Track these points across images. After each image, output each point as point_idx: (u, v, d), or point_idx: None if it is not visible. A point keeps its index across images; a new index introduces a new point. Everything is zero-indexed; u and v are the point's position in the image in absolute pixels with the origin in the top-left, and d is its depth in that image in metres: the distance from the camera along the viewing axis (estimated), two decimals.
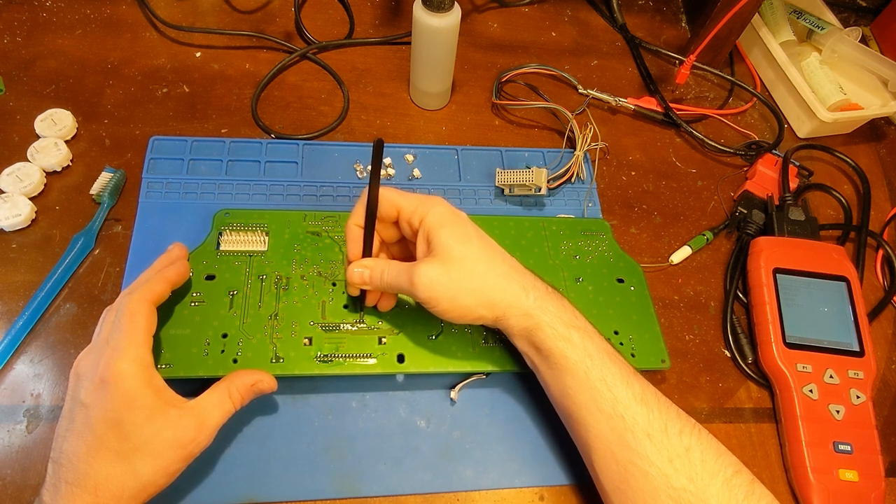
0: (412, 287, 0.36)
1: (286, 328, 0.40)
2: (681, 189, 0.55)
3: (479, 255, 0.37)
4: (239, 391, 0.35)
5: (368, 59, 0.58)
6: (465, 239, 0.37)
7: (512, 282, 0.37)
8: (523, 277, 0.37)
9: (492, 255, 0.38)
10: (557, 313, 0.36)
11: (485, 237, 0.38)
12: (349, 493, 0.38)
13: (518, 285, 0.37)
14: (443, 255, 0.36)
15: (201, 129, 0.51)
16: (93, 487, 0.30)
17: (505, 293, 0.36)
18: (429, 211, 0.37)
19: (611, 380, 0.35)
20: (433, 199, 0.38)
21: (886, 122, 0.64)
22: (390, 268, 0.38)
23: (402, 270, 0.37)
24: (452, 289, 0.36)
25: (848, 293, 0.48)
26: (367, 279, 0.38)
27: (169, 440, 0.32)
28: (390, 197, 0.38)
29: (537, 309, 0.36)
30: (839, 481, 0.41)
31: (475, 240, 0.37)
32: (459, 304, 0.36)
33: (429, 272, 0.36)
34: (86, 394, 0.32)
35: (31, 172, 0.45)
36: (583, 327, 0.37)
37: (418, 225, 0.38)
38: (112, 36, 0.55)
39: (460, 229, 0.37)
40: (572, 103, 0.58)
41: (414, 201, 0.38)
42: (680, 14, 0.69)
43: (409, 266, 0.37)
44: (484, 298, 0.36)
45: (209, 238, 0.43)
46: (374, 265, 0.38)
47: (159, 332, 0.37)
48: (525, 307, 0.36)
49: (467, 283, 0.36)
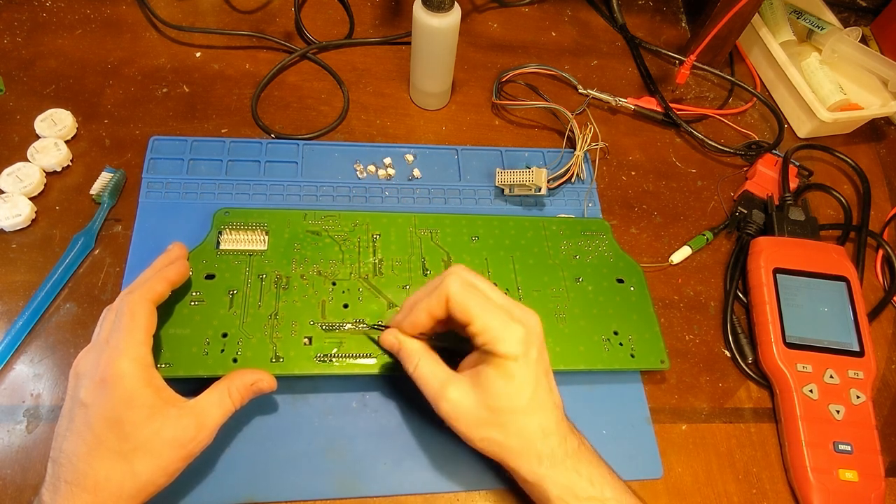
0: (436, 401, 0.35)
1: (286, 328, 0.40)
2: (681, 189, 0.55)
3: (517, 414, 0.34)
4: (238, 391, 0.35)
5: (368, 59, 0.58)
6: (518, 391, 0.34)
7: (531, 450, 0.34)
8: (546, 442, 0.34)
9: (528, 418, 0.34)
10: (569, 483, 0.34)
11: (539, 390, 0.34)
12: (349, 493, 0.38)
13: (535, 454, 0.34)
14: (482, 395, 0.34)
15: (201, 129, 0.51)
16: (92, 487, 0.30)
17: (518, 458, 0.34)
18: (499, 343, 0.33)
19: None
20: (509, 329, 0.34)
21: (886, 122, 0.64)
22: (426, 364, 0.36)
23: (435, 378, 0.35)
24: (471, 428, 0.34)
25: (848, 293, 0.48)
26: (396, 352, 0.38)
27: (168, 440, 0.32)
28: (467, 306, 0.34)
29: (548, 479, 0.34)
30: (839, 481, 0.41)
31: (527, 395, 0.34)
32: (469, 439, 0.35)
33: (460, 400, 0.34)
34: (85, 393, 0.32)
35: (31, 172, 0.45)
36: (598, 497, 0.34)
37: (481, 346, 0.34)
38: (112, 36, 0.55)
39: (519, 378, 0.34)
40: (572, 103, 0.58)
41: (490, 321, 0.34)
42: (680, 14, 0.69)
43: (443, 377, 0.35)
44: (494, 451, 0.35)
45: (209, 237, 0.43)
46: (412, 352, 0.36)
47: (159, 331, 0.37)
48: (535, 476, 0.34)
49: (487, 433, 0.34)
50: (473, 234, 0.47)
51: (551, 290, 0.45)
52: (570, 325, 0.44)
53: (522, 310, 0.36)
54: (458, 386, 0.35)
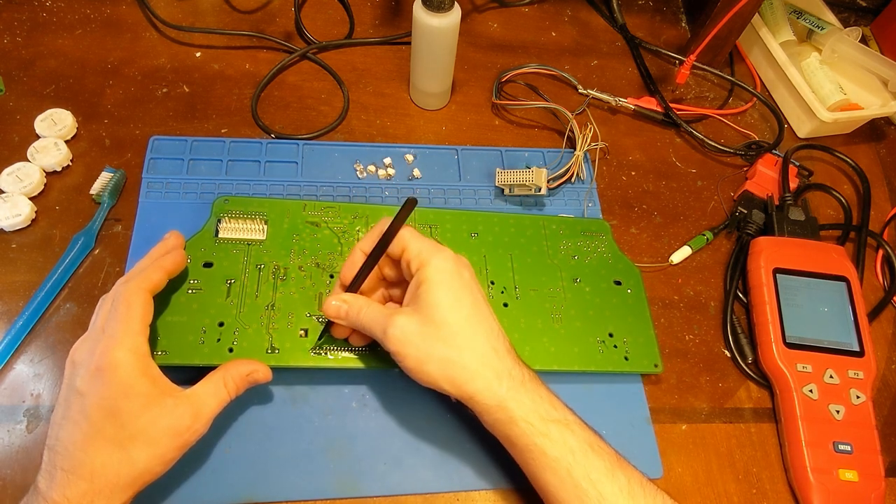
0: (384, 336, 0.35)
1: (282, 319, 0.40)
2: (681, 189, 0.55)
3: (462, 325, 0.34)
4: (234, 381, 0.36)
5: (368, 59, 0.58)
6: (455, 304, 0.35)
7: (486, 366, 0.34)
8: (501, 362, 0.35)
9: (476, 330, 0.35)
10: (533, 406, 0.34)
11: (479, 307, 0.36)
12: (349, 492, 0.38)
13: (492, 371, 0.34)
14: (425, 312, 0.34)
15: (201, 129, 0.51)
16: (88, 475, 0.30)
17: (474, 377, 0.34)
18: (431, 260, 0.35)
19: (595, 476, 0.33)
20: (440, 251, 0.36)
21: (886, 122, 0.64)
22: (369, 308, 0.36)
23: (379, 315, 0.35)
24: (423, 351, 0.34)
25: (848, 293, 0.48)
26: (343, 314, 0.37)
27: (165, 428, 0.32)
28: (402, 234, 0.36)
29: (511, 401, 0.34)
30: (839, 481, 0.41)
31: (465, 308, 0.35)
32: (424, 370, 0.34)
33: (404, 326, 0.34)
34: (82, 382, 0.32)
35: (31, 172, 0.45)
36: (562, 419, 0.34)
37: (415, 271, 0.36)
38: (112, 36, 0.55)
39: (454, 292, 0.35)
40: (572, 103, 0.58)
41: (422, 245, 0.36)
42: (680, 14, 0.69)
43: (387, 312, 0.35)
44: (450, 373, 0.34)
45: (207, 225, 0.43)
46: (354, 301, 0.37)
47: (156, 319, 0.37)
48: (497, 397, 0.34)
49: (438, 351, 0.34)
50: (473, 231, 0.47)
51: (548, 289, 0.45)
52: (566, 326, 0.44)
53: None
54: (401, 315, 0.35)
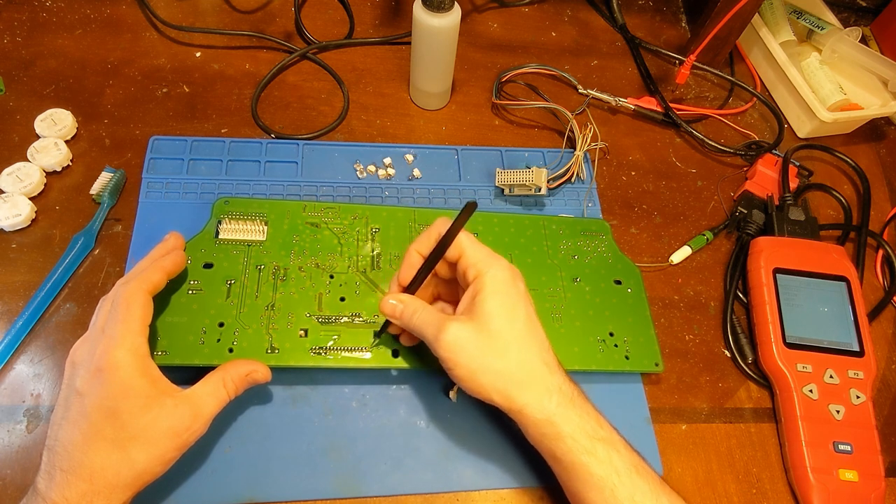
0: (436, 342, 0.34)
1: (282, 319, 0.40)
2: (681, 189, 0.55)
3: (516, 337, 0.35)
4: (234, 381, 0.36)
5: (368, 59, 0.58)
6: (511, 315, 0.35)
7: (537, 380, 0.34)
8: (552, 377, 0.35)
9: (529, 343, 0.35)
10: (580, 423, 0.34)
11: (532, 321, 0.36)
12: (349, 493, 0.38)
13: (542, 385, 0.34)
14: (480, 321, 0.34)
15: (201, 129, 0.51)
16: (88, 475, 0.30)
17: (525, 390, 0.34)
18: (489, 270, 0.35)
19: (639, 498, 0.33)
20: (497, 260, 0.36)
21: (886, 122, 0.64)
22: (424, 312, 0.36)
23: (433, 320, 0.35)
24: (476, 360, 0.34)
25: (848, 293, 0.48)
26: (398, 314, 0.37)
27: (164, 429, 0.32)
28: (459, 239, 0.36)
29: (559, 416, 0.34)
30: (839, 481, 0.41)
31: (520, 320, 0.35)
32: (476, 379, 0.34)
33: (459, 333, 0.34)
34: (81, 382, 0.32)
35: (31, 172, 0.45)
36: (608, 438, 0.34)
37: (472, 279, 0.36)
38: (112, 36, 0.55)
39: (510, 303, 0.35)
40: (572, 103, 0.58)
41: (479, 253, 0.36)
42: (680, 14, 0.69)
43: (441, 318, 0.35)
44: (501, 385, 0.34)
45: (208, 226, 0.43)
46: (409, 302, 0.37)
47: (156, 319, 0.37)
48: (546, 412, 0.34)
49: (492, 362, 0.34)
50: (473, 231, 0.46)
51: (549, 289, 0.45)
52: (566, 325, 0.44)
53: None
54: (455, 322, 0.35)
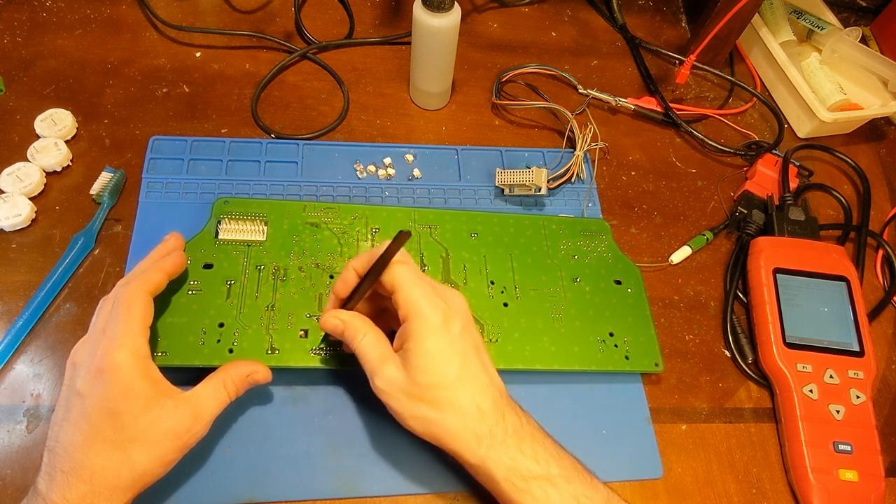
0: (372, 379, 0.34)
1: (282, 319, 0.40)
2: (681, 189, 0.55)
3: (447, 386, 0.33)
4: (234, 382, 0.36)
5: (368, 59, 0.58)
6: (441, 365, 0.33)
7: (467, 428, 0.33)
8: (483, 423, 0.34)
9: (462, 391, 0.34)
10: (513, 464, 0.33)
11: (468, 363, 0.34)
12: (349, 493, 0.38)
13: (472, 433, 0.33)
14: (410, 371, 0.33)
15: (201, 129, 0.51)
16: (88, 477, 0.30)
17: (455, 438, 0.34)
18: (418, 316, 0.34)
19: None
20: (430, 304, 0.34)
21: (886, 122, 0.64)
22: (367, 338, 0.35)
23: (373, 355, 0.34)
24: (406, 408, 0.34)
25: (848, 293, 0.48)
26: (339, 333, 0.36)
27: (165, 430, 0.32)
28: (395, 276, 0.34)
29: (490, 461, 0.33)
30: (839, 481, 0.41)
31: (454, 368, 0.33)
32: (408, 423, 0.34)
33: (391, 378, 0.34)
34: (82, 383, 0.32)
35: (31, 172, 0.45)
36: (543, 475, 0.33)
37: (403, 321, 0.34)
38: (112, 36, 0.55)
39: (441, 352, 0.33)
40: (572, 103, 0.58)
41: (413, 294, 0.34)
42: (680, 14, 0.69)
43: (380, 355, 0.34)
44: (431, 432, 0.34)
45: (208, 226, 0.43)
46: (351, 323, 0.36)
47: (156, 320, 0.37)
48: (477, 458, 0.33)
49: (420, 411, 0.34)
50: (473, 231, 0.47)
51: (549, 289, 0.45)
52: (566, 325, 0.44)
53: (447, 289, 0.36)
54: (390, 365, 0.34)
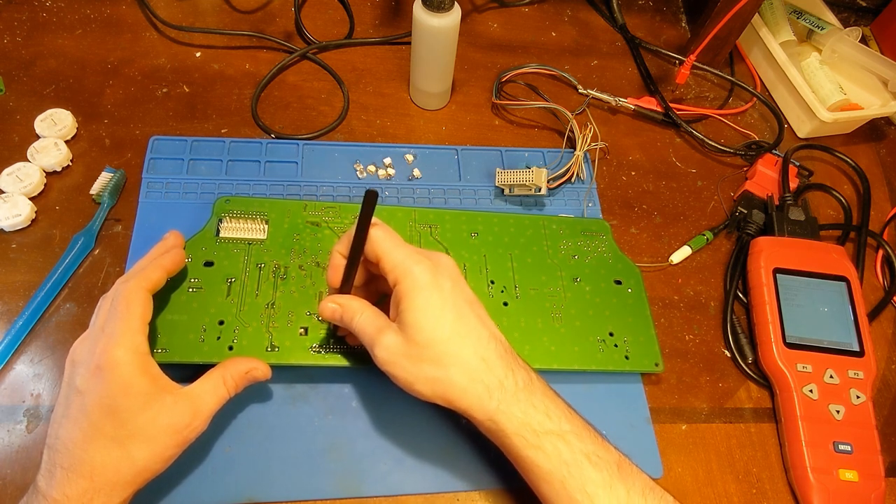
0: (372, 351, 0.34)
1: (282, 317, 0.40)
2: (681, 189, 0.55)
3: (446, 341, 0.33)
4: (233, 378, 0.36)
5: (368, 59, 0.58)
6: (437, 320, 0.33)
7: (475, 381, 0.33)
8: (491, 373, 0.33)
9: (461, 344, 0.33)
10: (524, 419, 0.33)
11: (464, 316, 0.34)
12: (349, 493, 0.38)
13: (482, 385, 0.33)
14: (407, 332, 0.33)
15: (201, 129, 0.51)
16: (88, 473, 0.30)
17: (464, 394, 0.33)
18: (407, 275, 0.33)
19: (591, 488, 0.32)
20: (416, 262, 0.34)
21: (886, 122, 0.64)
22: (363, 315, 0.35)
23: (371, 328, 0.34)
24: (410, 372, 0.33)
25: (848, 293, 0.48)
26: (338, 317, 0.36)
27: (164, 426, 0.32)
28: (377, 243, 0.35)
29: (501, 415, 0.33)
30: (839, 481, 0.41)
31: (448, 323, 0.33)
32: (415, 388, 0.34)
33: (391, 346, 0.33)
34: (81, 380, 0.32)
35: (31, 172, 0.45)
36: (555, 430, 0.33)
37: (393, 285, 0.34)
38: (112, 36, 0.55)
39: (435, 307, 0.33)
40: (572, 103, 0.58)
41: (398, 255, 0.34)
42: (680, 14, 0.69)
43: (378, 326, 0.34)
44: (440, 391, 0.33)
45: (209, 224, 0.43)
46: (348, 305, 0.36)
47: (156, 317, 0.37)
48: (487, 412, 0.33)
49: (425, 371, 0.33)
50: (473, 231, 0.47)
51: (549, 289, 0.45)
52: (566, 325, 0.44)
53: (432, 251, 0.36)
54: (389, 333, 0.34)
